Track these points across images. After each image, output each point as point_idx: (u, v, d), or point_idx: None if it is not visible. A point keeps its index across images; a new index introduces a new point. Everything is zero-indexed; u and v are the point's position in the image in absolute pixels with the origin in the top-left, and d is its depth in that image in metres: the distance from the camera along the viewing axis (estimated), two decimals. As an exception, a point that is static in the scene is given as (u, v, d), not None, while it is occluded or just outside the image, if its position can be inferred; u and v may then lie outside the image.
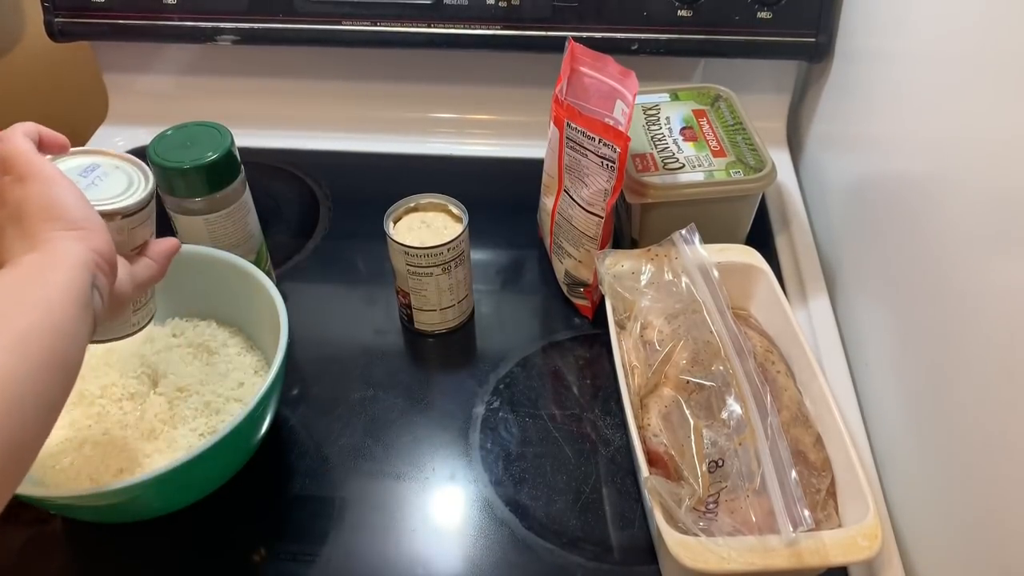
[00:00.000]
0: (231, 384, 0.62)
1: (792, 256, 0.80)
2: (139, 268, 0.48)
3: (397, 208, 0.68)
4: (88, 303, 0.39)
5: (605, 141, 0.61)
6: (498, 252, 0.80)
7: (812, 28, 0.82)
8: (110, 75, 0.96)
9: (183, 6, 0.86)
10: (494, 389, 0.67)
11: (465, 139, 0.94)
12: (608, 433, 0.64)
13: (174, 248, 0.52)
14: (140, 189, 0.50)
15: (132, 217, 0.49)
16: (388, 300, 0.73)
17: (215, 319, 0.67)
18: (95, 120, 0.97)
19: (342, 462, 0.62)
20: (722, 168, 0.72)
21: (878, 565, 0.56)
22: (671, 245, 0.65)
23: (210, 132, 0.66)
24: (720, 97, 0.80)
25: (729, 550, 0.48)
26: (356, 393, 0.67)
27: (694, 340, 0.59)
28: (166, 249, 0.51)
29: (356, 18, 0.85)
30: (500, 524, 0.59)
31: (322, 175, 0.89)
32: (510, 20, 0.84)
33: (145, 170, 0.51)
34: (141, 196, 0.49)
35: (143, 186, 0.50)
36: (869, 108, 0.71)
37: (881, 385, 0.64)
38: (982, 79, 0.51)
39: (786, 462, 0.52)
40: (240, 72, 0.94)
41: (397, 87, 0.94)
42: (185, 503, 0.56)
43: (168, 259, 0.51)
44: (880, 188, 0.67)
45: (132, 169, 0.51)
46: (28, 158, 0.42)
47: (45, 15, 0.87)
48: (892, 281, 0.63)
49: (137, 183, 0.50)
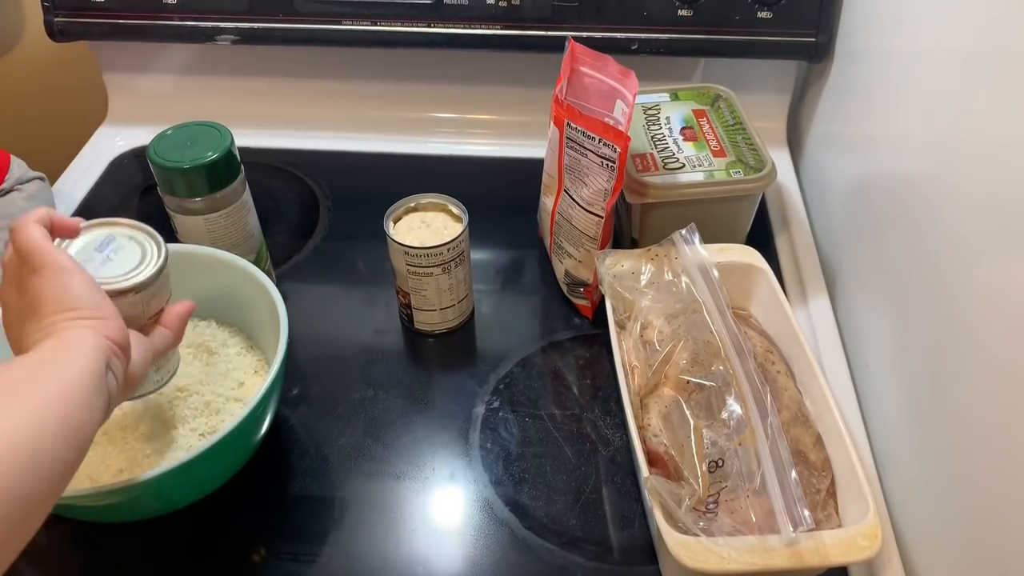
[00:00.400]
0: (231, 384, 0.62)
1: (792, 256, 0.80)
2: (155, 338, 0.50)
3: (397, 208, 0.68)
4: (101, 384, 0.41)
5: (605, 141, 0.61)
6: (498, 252, 0.80)
7: (812, 28, 0.82)
8: (110, 75, 0.96)
9: (183, 6, 0.86)
10: (494, 389, 0.67)
11: (465, 139, 0.94)
12: (608, 433, 0.64)
13: (188, 311, 0.53)
14: (153, 261, 0.50)
15: (147, 291, 0.50)
16: (388, 300, 0.73)
17: (215, 319, 0.67)
18: (95, 120, 0.97)
19: (342, 462, 0.62)
20: (722, 168, 0.72)
21: (878, 565, 0.56)
22: (671, 245, 0.65)
23: (210, 132, 0.66)
24: (720, 97, 0.80)
25: (729, 550, 0.48)
26: (356, 393, 0.67)
27: (694, 340, 0.59)
28: (180, 314, 0.53)
29: (356, 18, 0.85)
30: (500, 524, 0.59)
31: (322, 175, 0.89)
32: (510, 20, 0.84)
33: (157, 238, 0.52)
34: (154, 269, 0.50)
35: (156, 256, 0.51)
36: (869, 108, 0.71)
37: (881, 385, 0.64)
38: (982, 79, 0.51)
39: (786, 462, 0.52)
40: (240, 72, 0.94)
41: (397, 87, 0.94)
42: (185, 503, 0.56)
43: (184, 323, 0.53)
44: (880, 188, 0.67)
45: (145, 238, 0.51)
46: (42, 249, 0.44)
47: (45, 15, 0.87)
48: (892, 281, 0.63)
49: (150, 254, 0.51)
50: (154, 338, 0.50)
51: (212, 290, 0.65)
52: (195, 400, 0.61)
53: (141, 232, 0.52)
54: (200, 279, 0.64)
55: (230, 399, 0.61)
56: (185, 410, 0.60)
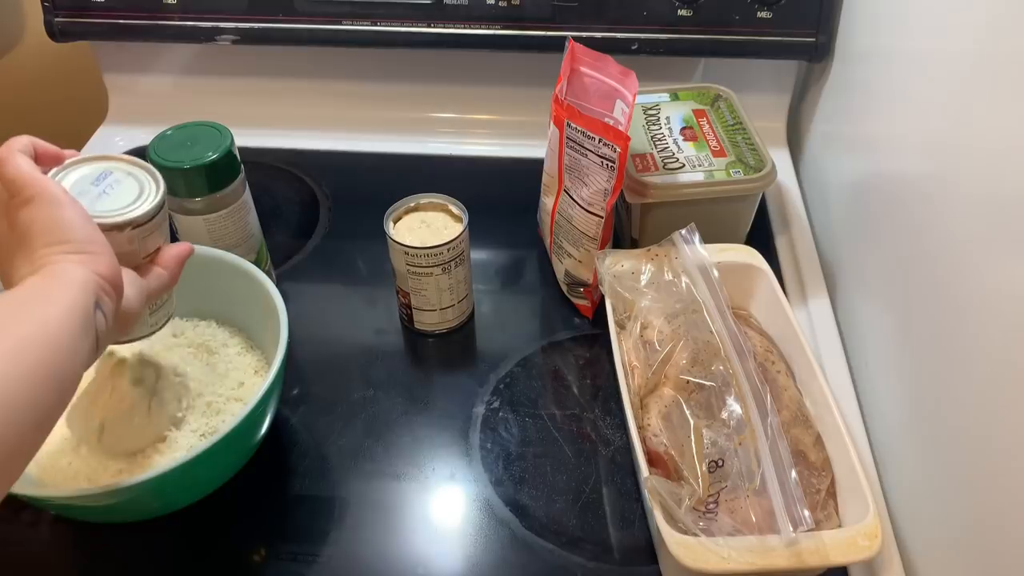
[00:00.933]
0: (231, 384, 0.62)
1: (792, 256, 0.80)
2: (151, 279, 0.48)
3: (397, 208, 0.68)
4: (88, 323, 0.39)
5: (605, 141, 0.61)
6: (498, 252, 0.80)
7: (812, 28, 0.82)
8: (110, 75, 0.96)
9: (183, 6, 0.86)
10: (494, 389, 0.67)
11: (465, 139, 0.94)
12: (608, 433, 0.64)
13: (186, 253, 0.52)
14: (151, 196, 0.49)
15: (144, 227, 0.48)
16: (388, 300, 0.73)
17: (215, 319, 0.67)
18: (95, 120, 0.97)
19: (342, 462, 0.62)
20: (722, 168, 0.72)
21: (878, 565, 0.56)
22: (671, 245, 0.65)
23: (210, 132, 0.66)
24: (720, 97, 0.80)
25: (729, 550, 0.48)
26: (356, 393, 0.67)
27: (694, 340, 0.59)
28: (177, 255, 0.51)
29: (356, 18, 0.85)
30: (500, 524, 0.59)
31: (322, 175, 0.89)
32: (510, 20, 0.84)
33: (156, 175, 0.50)
34: (152, 204, 0.49)
35: (154, 193, 0.49)
36: (869, 108, 0.71)
37: (881, 385, 0.64)
38: (982, 79, 0.51)
39: (786, 462, 0.52)
40: (240, 72, 0.94)
41: (397, 87, 0.94)
42: (185, 503, 0.56)
43: (180, 265, 0.51)
44: (880, 188, 0.67)
45: (143, 175, 0.50)
46: (31, 179, 0.42)
47: (45, 15, 0.87)
48: (892, 281, 0.63)
49: (148, 190, 0.49)
50: (150, 278, 0.48)
51: (212, 290, 0.65)
52: (195, 400, 0.61)
53: (140, 168, 0.50)
54: (200, 279, 0.64)
55: (230, 399, 0.61)
56: (185, 410, 0.60)
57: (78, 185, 0.47)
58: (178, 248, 0.51)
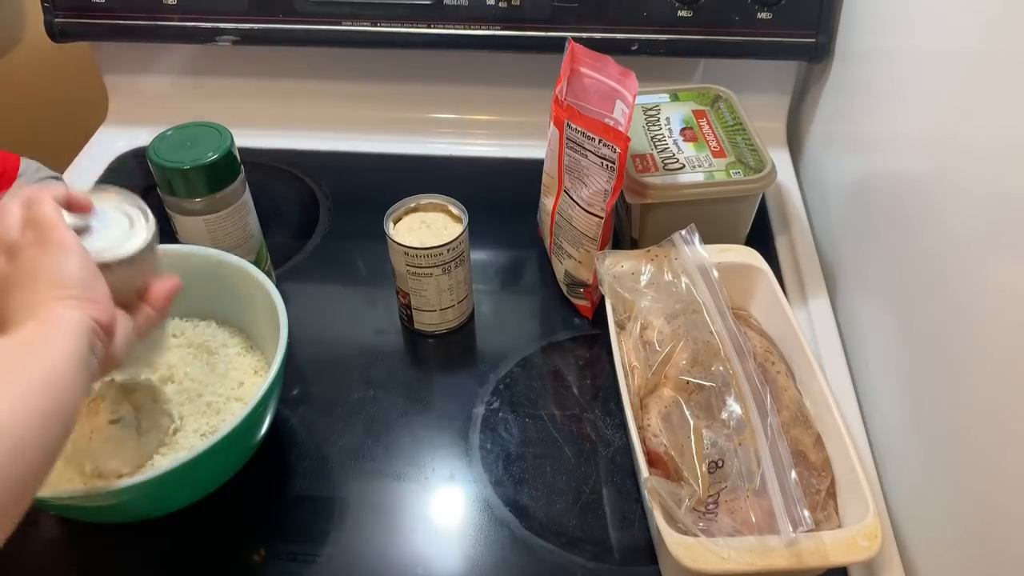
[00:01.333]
0: (231, 384, 0.62)
1: (792, 256, 0.80)
2: (139, 319, 0.50)
3: (397, 208, 0.68)
4: (86, 366, 0.42)
5: (605, 141, 0.61)
6: (498, 252, 0.80)
7: (812, 28, 0.82)
8: (110, 76, 0.96)
9: (183, 6, 0.86)
10: (494, 389, 0.67)
11: (465, 139, 0.94)
12: (608, 433, 0.64)
13: (174, 290, 0.53)
14: (140, 232, 0.50)
15: (133, 264, 0.49)
16: (388, 300, 0.73)
17: (215, 319, 0.67)
18: (95, 120, 0.97)
19: (342, 462, 0.62)
20: (722, 168, 0.72)
21: (878, 565, 0.56)
22: (671, 245, 0.65)
23: (210, 132, 0.66)
24: (720, 97, 0.80)
25: (729, 550, 0.48)
26: (356, 393, 0.67)
27: (694, 340, 0.59)
28: (165, 292, 0.52)
29: (356, 18, 0.85)
30: (500, 524, 0.59)
31: (322, 175, 0.89)
32: (510, 20, 0.84)
33: (145, 210, 0.51)
34: (141, 242, 0.49)
35: (143, 228, 0.50)
36: (869, 108, 0.71)
37: (881, 385, 0.64)
38: (982, 79, 0.51)
39: (786, 462, 0.52)
40: (240, 72, 0.94)
41: (397, 87, 0.94)
42: (185, 503, 0.56)
43: (168, 302, 0.52)
44: (880, 188, 0.67)
45: (133, 210, 0.51)
46: (53, 225, 0.44)
47: (45, 15, 0.87)
48: (892, 281, 0.63)
49: (138, 225, 0.50)
50: (138, 319, 0.50)
51: (212, 290, 0.65)
52: (195, 400, 0.61)
53: (129, 204, 0.51)
54: (200, 279, 0.64)
55: (230, 399, 0.61)
56: (185, 410, 0.60)
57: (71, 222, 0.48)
58: (166, 285, 0.52)
